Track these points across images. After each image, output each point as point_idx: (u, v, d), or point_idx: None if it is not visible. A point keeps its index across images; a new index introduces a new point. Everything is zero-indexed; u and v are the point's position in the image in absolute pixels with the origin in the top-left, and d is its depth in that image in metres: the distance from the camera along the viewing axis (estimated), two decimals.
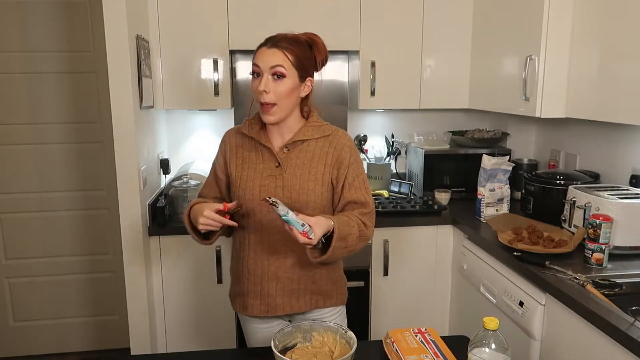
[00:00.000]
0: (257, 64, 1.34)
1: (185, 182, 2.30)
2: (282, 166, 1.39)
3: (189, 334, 2.30)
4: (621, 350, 1.24)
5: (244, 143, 1.45)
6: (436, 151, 2.59)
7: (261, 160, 1.41)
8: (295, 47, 1.36)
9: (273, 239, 1.40)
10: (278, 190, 1.38)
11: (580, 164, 2.35)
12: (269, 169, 1.40)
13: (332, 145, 1.42)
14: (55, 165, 2.67)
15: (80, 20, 2.55)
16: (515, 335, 1.70)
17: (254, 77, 1.36)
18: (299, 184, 1.38)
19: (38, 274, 2.76)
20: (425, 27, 2.46)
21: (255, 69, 1.35)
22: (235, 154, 1.45)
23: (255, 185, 1.39)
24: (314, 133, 1.42)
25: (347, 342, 1.18)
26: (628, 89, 1.63)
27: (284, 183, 1.38)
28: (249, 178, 1.40)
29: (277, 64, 1.32)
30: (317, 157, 1.40)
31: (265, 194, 1.37)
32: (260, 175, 1.40)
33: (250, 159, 1.43)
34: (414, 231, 2.32)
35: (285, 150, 1.40)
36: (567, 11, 1.90)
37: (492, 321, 1.04)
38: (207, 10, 2.29)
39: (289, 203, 1.33)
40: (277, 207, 1.17)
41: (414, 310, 2.40)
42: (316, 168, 1.40)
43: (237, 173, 1.43)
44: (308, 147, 1.41)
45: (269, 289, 1.43)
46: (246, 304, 1.47)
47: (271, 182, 1.38)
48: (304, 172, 1.39)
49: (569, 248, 1.73)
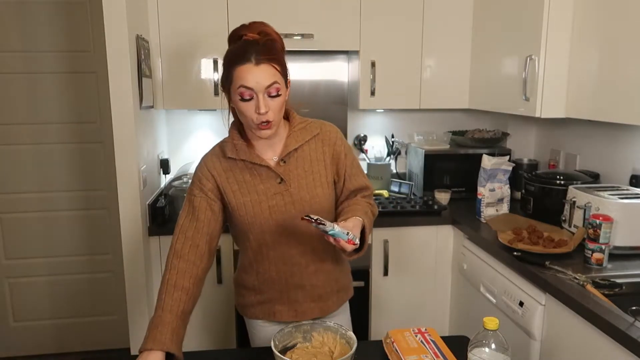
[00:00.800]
0: (249, 87, 1.18)
1: (185, 182, 2.30)
2: (286, 181, 1.30)
3: (189, 334, 2.29)
4: (621, 350, 1.24)
5: (232, 167, 1.31)
6: (436, 151, 2.59)
7: (259, 181, 1.30)
8: (276, 53, 1.24)
9: (291, 253, 1.35)
10: (289, 206, 1.30)
11: (580, 164, 2.35)
12: (273, 187, 1.30)
13: (324, 143, 1.36)
14: (55, 165, 2.67)
15: (80, 20, 2.55)
16: (515, 335, 1.70)
17: (243, 100, 1.20)
18: (308, 195, 1.31)
19: (38, 274, 2.76)
20: (425, 27, 2.45)
21: (247, 93, 1.19)
22: (226, 179, 1.30)
23: (264, 209, 1.29)
24: (305, 136, 1.34)
25: (347, 342, 1.18)
26: (628, 89, 1.63)
27: (292, 198, 1.30)
28: (255, 202, 1.29)
29: (272, 82, 1.20)
30: (315, 160, 1.34)
31: (277, 214, 1.29)
32: (265, 196, 1.29)
33: (247, 181, 1.30)
34: (414, 231, 2.32)
35: (282, 164, 1.31)
36: (567, 11, 1.90)
37: (492, 321, 1.04)
38: (207, 10, 2.29)
39: (302, 215, 1.24)
40: (324, 225, 1.12)
41: (414, 310, 2.40)
42: (318, 173, 1.34)
43: (237, 201, 1.30)
44: (303, 152, 1.34)
45: (296, 296, 1.40)
46: (274, 311, 1.41)
47: (279, 201, 1.29)
48: (308, 181, 1.32)
49: (569, 248, 1.73)
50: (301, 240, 1.34)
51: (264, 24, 1.29)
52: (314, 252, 1.36)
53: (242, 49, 1.21)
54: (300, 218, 1.19)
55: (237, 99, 1.21)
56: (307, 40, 2.34)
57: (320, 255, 1.38)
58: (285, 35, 2.32)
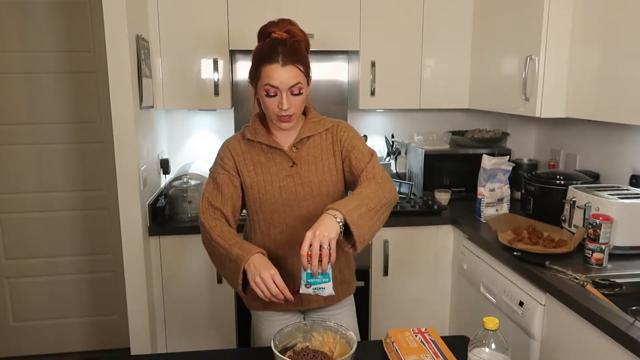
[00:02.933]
0: (274, 85, 1.30)
1: (185, 182, 2.30)
2: (297, 164, 1.41)
3: (189, 334, 2.30)
4: (621, 350, 1.24)
5: (249, 149, 1.44)
6: (436, 151, 2.59)
7: (273, 163, 1.42)
8: (301, 54, 1.34)
9: (299, 236, 1.34)
10: (298, 187, 1.40)
11: (580, 164, 2.35)
12: (284, 169, 1.41)
13: (334, 135, 1.46)
14: (55, 165, 2.67)
15: (80, 20, 2.55)
16: (515, 335, 1.70)
17: (268, 96, 1.32)
18: (317, 178, 1.42)
19: (38, 274, 2.76)
20: (425, 27, 2.46)
21: (272, 90, 1.31)
22: (244, 160, 1.43)
23: (275, 188, 1.40)
24: (317, 128, 1.45)
25: (347, 342, 1.18)
26: (628, 89, 1.63)
27: (302, 180, 1.41)
28: (267, 182, 1.41)
29: (296, 83, 1.31)
30: (325, 149, 1.44)
31: (286, 194, 1.40)
32: (277, 177, 1.41)
33: (261, 163, 1.42)
34: (414, 231, 2.32)
35: (294, 150, 1.42)
36: (567, 11, 1.90)
37: (492, 321, 1.04)
38: (207, 10, 2.29)
39: (309, 198, 1.40)
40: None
41: (414, 310, 2.40)
42: (327, 159, 1.44)
43: (251, 179, 1.42)
44: (314, 142, 1.44)
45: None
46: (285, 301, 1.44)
47: (290, 182, 1.41)
48: (317, 166, 1.43)
49: (569, 248, 1.73)
50: (308, 224, 1.33)
51: (291, 23, 1.41)
52: None
53: (270, 49, 1.32)
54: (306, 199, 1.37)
55: (263, 94, 1.34)
56: None
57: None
58: None
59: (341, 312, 1.55)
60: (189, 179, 2.33)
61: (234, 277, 1.29)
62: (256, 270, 1.22)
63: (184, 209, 2.27)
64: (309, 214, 1.41)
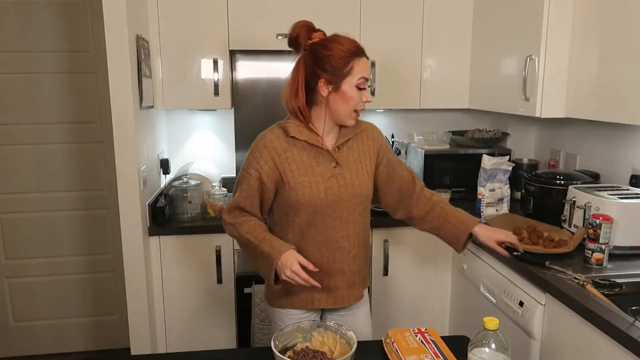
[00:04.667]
0: (367, 78, 1.38)
1: (185, 182, 2.30)
2: (340, 165, 1.43)
3: (189, 334, 2.30)
4: (621, 350, 1.24)
5: (290, 148, 1.41)
6: (436, 151, 2.59)
7: (316, 163, 1.41)
8: None
9: (337, 236, 1.45)
10: (342, 189, 1.42)
11: (580, 164, 2.35)
12: (328, 170, 1.42)
13: (369, 137, 1.51)
14: (55, 165, 2.67)
15: (80, 20, 2.55)
16: (515, 335, 1.70)
17: (360, 89, 1.38)
18: (358, 180, 1.45)
19: (38, 274, 2.76)
20: (425, 27, 2.46)
21: (364, 83, 1.38)
22: (286, 159, 1.40)
23: (321, 190, 1.40)
24: (354, 129, 1.48)
25: (347, 342, 1.18)
26: (628, 89, 1.63)
27: (345, 182, 1.42)
28: (312, 183, 1.39)
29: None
30: (362, 151, 1.48)
31: (331, 195, 1.41)
32: (321, 178, 1.40)
33: (304, 162, 1.40)
34: (414, 231, 2.32)
35: (337, 150, 1.44)
36: (567, 11, 1.90)
37: (492, 321, 1.04)
38: (207, 10, 2.29)
39: (351, 199, 1.43)
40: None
41: (414, 310, 2.40)
42: (364, 162, 1.48)
43: (295, 180, 1.39)
44: (353, 143, 1.48)
45: (336, 283, 1.48)
46: (312, 299, 1.49)
47: (334, 183, 1.41)
48: (357, 168, 1.46)
49: (569, 248, 1.73)
50: (346, 225, 1.45)
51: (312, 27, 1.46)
52: (356, 237, 1.48)
53: (355, 45, 1.38)
54: (348, 201, 1.42)
55: (352, 90, 1.37)
56: None
57: (360, 240, 1.50)
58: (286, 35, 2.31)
59: (359, 309, 1.58)
60: (189, 179, 2.33)
61: (266, 272, 1.38)
62: (285, 266, 1.31)
63: (184, 209, 2.27)
64: (347, 214, 1.44)
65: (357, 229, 1.48)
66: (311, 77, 1.39)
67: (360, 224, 1.48)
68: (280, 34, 2.32)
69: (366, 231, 1.52)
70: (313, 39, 1.39)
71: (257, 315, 2.22)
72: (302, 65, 1.41)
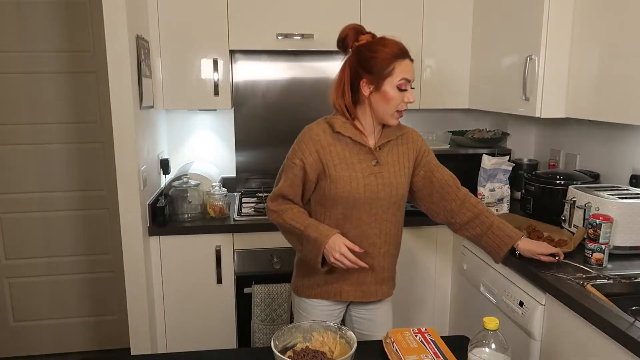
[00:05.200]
0: (409, 79, 1.43)
1: (185, 182, 2.30)
2: (380, 164, 1.48)
3: (189, 334, 2.30)
4: (621, 350, 1.24)
5: (334, 142, 1.46)
6: (436, 151, 2.55)
7: (357, 160, 1.46)
8: None
9: (371, 232, 1.51)
10: (380, 187, 1.47)
11: (580, 164, 2.35)
12: (369, 167, 1.47)
13: (410, 140, 1.56)
14: (55, 165, 2.67)
15: (80, 20, 2.55)
16: (515, 335, 1.70)
17: (400, 90, 1.42)
18: (396, 180, 1.49)
19: (38, 274, 2.76)
20: (425, 27, 2.46)
21: (406, 84, 1.43)
22: (329, 153, 1.46)
23: (360, 185, 1.45)
24: (396, 132, 1.53)
25: (347, 342, 1.18)
26: (628, 89, 1.63)
27: (384, 180, 1.47)
28: (353, 178, 1.45)
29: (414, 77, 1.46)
30: (402, 153, 1.53)
31: (369, 192, 1.45)
32: (362, 174, 1.46)
33: (346, 158, 1.46)
34: (414, 231, 2.32)
35: (378, 149, 1.49)
36: (567, 11, 1.90)
37: (492, 321, 1.04)
38: (207, 10, 2.29)
39: (387, 198, 1.48)
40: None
41: (414, 310, 2.40)
42: (403, 163, 1.53)
43: (337, 174, 1.44)
44: (394, 144, 1.53)
45: (365, 277, 1.54)
46: (340, 291, 1.54)
47: (373, 181, 1.46)
48: (396, 169, 1.50)
49: (569, 248, 1.73)
50: (380, 222, 1.50)
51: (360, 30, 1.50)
52: (388, 234, 1.53)
53: (400, 47, 1.44)
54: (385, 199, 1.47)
55: (393, 91, 1.42)
56: (307, 40, 2.34)
57: (392, 238, 1.55)
58: (286, 35, 2.33)
59: (383, 306, 1.63)
60: (189, 179, 2.33)
61: (313, 257, 1.43)
62: (333, 250, 1.37)
63: (184, 209, 2.27)
64: (383, 212, 1.49)
65: (390, 227, 1.53)
66: (354, 77, 1.45)
67: (394, 222, 1.53)
68: (280, 34, 2.32)
69: (398, 230, 1.57)
70: (360, 41, 1.45)
71: (257, 315, 2.22)
72: (348, 66, 1.47)
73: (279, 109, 2.71)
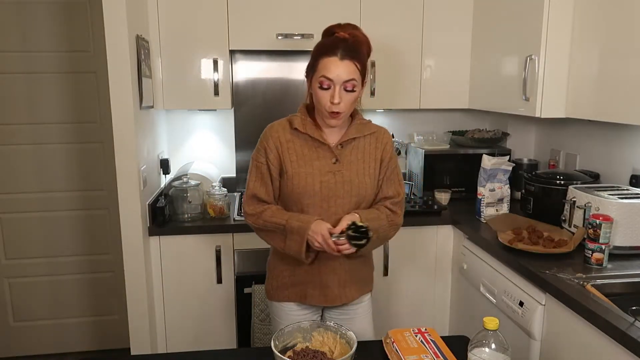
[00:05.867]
0: (329, 78, 1.34)
1: (185, 182, 2.30)
2: (340, 162, 1.44)
3: (189, 334, 2.30)
4: (621, 350, 1.24)
5: (294, 139, 1.45)
6: (436, 151, 2.59)
7: (316, 157, 1.43)
8: (361, 54, 1.37)
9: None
10: (338, 185, 1.43)
11: (580, 164, 2.35)
12: (327, 165, 1.43)
13: (378, 141, 1.50)
14: (55, 165, 2.67)
15: (80, 20, 2.55)
16: (515, 335, 1.70)
17: (322, 88, 1.36)
18: (357, 179, 1.44)
19: (38, 274, 2.76)
20: (425, 27, 2.46)
21: (327, 82, 1.34)
22: (287, 149, 1.44)
23: (316, 182, 1.42)
24: (363, 130, 1.48)
25: (347, 342, 1.18)
26: (628, 89, 1.63)
27: (343, 178, 1.43)
28: (308, 175, 1.42)
29: (350, 79, 1.34)
30: (367, 153, 1.48)
31: (326, 189, 1.42)
32: (318, 171, 1.42)
33: (305, 155, 1.43)
34: (413, 231, 2.32)
35: (339, 147, 1.45)
36: (567, 11, 1.90)
37: (492, 321, 1.04)
38: (207, 10, 2.29)
39: (346, 197, 1.43)
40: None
41: (414, 310, 2.40)
42: (368, 163, 1.47)
43: (293, 170, 1.43)
44: (358, 144, 1.47)
45: (327, 280, 1.49)
46: (306, 294, 1.50)
47: (331, 178, 1.42)
48: (359, 168, 1.46)
49: (569, 248, 1.73)
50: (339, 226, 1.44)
51: (356, 28, 1.42)
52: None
53: (331, 43, 1.36)
54: (343, 198, 1.42)
55: (317, 87, 1.37)
56: (307, 40, 2.34)
57: None
58: (285, 35, 2.33)
59: (360, 309, 1.58)
60: (189, 179, 2.33)
61: (297, 247, 1.39)
62: (316, 234, 1.35)
63: (184, 209, 2.27)
64: (343, 212, 1.44)
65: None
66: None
67: None
68: (280, 34, 2.32)
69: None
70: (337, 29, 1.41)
71: (257, 315, 2.22)
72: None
73: (279, 109, 2.71)
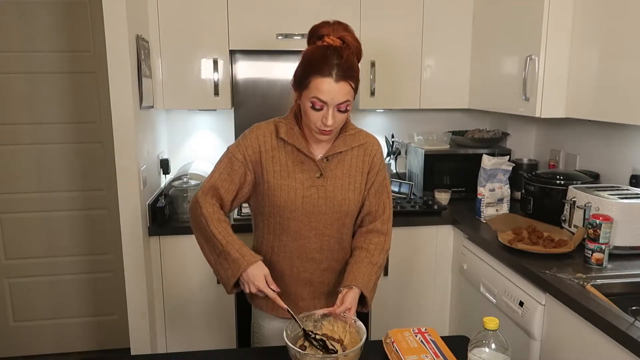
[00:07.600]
0: (323, 100, 1.23)
1: (185, 182, 2.30)
2: (324, 176, 1.36)
3: (189, 334, 2.30)
4: (621, 350, 1.24)
5: (279, 147, 1.36)
6: (436, 151, 2.59)
7: (300, 170, 1.36)
8: (355, 69, 1.27)
9: (310, 247, 1.40)
10: (321, 201, 1.36)
11: (580, 164, 2.35)
12: (311, 179, 1.36)
13: (367, 153, 1.42)
14: (55, 165, 2.67)
15: (80, 20, 2.55)
16: (515, 335, 1.70)
17: (314, 109, 1.25)
18: (341, 195, 1.37)
19: (38, 274, 2.76)
20: (425, 27, 2.46)
21: (319, 104, 1.24)
22: (271, 158, 1.36)
23: (298, 197, 1.35)
24: (352, 143, 1.40)
25: (357, 331, 1.21)
26: (628, 89, 1.63)
27: (326, 194, 1.36)
28: (291, 188, 1.34)
29: (345, 100, 1.25)
30: (354, 166, 1.40)
31: (308, 205, 1.35)
32: (301, 185, 1.35)
33: (288, 166, 1.36)
34: (414, 231, 2.32)
35: (325, 161, 1.37)
36: (567, 11, 1.90)
37: (492, 321, 1.04)
38: (207, 10, 2.29)
39: (329, 213, 1.37)
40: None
41: (414, 310, 2.40)
42: (354, 178, 1.40)
43: (275, 181, 1.35)
44: (345, 156, 1.40)
45: (302, 292, 1.45)
46: (276, 305, 1.38)
47: (314, 193, 1.35)
48: (344, 183, 1.38)
49: (569, 248, 1.73)
50: (321, 237, 1.40)
51: (346, 29, 1.30)
52: (330, 250, 1.42)
53: (324, 59, 1.23)
54: (326, 214, 1.35)
55: (308, 105, 1.27)
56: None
57: (335, 254, 1.44)
58: (285, 35, 2.33)
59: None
60: (189, 179, 2.33)
61: (225, 276, 1.32)
62: (250, 282, 1.28)
63: (184, 209, 2.27)
64: (324, 227, 1.39)
65: (333, 243, 1.42)
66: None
67: (337, 238, 1.42)
68: (280, 34, 2.32)
69: (343, 247, 1.44)
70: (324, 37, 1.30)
71: None
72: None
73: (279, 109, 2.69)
